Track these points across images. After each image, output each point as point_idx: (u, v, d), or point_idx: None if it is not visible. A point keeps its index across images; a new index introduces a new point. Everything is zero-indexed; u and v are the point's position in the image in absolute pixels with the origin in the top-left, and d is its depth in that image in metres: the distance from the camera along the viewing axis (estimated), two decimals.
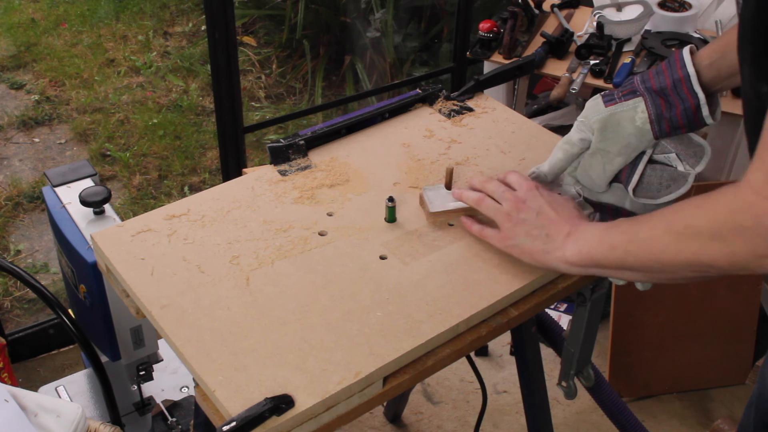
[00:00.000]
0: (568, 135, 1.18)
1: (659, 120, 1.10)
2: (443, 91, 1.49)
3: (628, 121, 1.12)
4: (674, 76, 1.10)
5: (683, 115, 1.09)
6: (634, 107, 1.11)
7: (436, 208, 1.20)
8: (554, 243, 1.08)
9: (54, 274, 2.74)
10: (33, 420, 1.18)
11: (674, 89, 1.10)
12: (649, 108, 1.11)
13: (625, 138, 1.12)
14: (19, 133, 3.53)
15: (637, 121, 1.11)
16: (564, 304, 2.49)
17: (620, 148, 1.13)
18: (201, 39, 4.13)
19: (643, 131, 1.11)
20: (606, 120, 1.13)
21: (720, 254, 0.87)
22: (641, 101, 1.11)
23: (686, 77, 1.09)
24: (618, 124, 1.12)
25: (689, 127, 1.10)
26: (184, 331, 1.01)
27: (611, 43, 2.32)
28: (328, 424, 0.97)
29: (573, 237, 1.06)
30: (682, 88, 1.09)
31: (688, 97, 1.09)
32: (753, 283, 2.25)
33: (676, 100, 1.09)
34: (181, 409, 1.82)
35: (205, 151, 3.45)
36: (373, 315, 1.04)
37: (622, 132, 1.12)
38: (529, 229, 1.10)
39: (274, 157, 1.32)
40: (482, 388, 1.66)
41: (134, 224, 1.19)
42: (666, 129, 1.10)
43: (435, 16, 3.66)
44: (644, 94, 1.11)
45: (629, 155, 1.13)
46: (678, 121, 1.10)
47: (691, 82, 1.09)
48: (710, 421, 2.22)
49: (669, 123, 1.10)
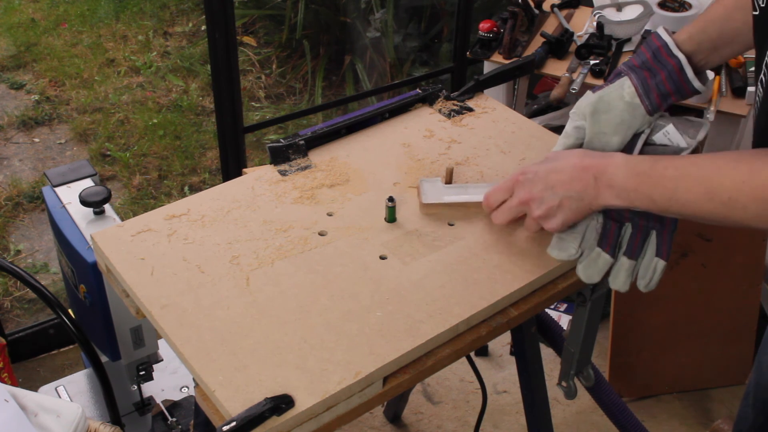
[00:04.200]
0: (564, 130, 1.19)
1: (647, 91, 1.11)
2: (443, 91, 1.49)
3: (618, 99, 1.13)
4: (652, 48, 1.12)
5: (669, 80, 1.10)
6: (620, 85, 1.13)
7: (429, 200, 1.21)
8: (588, 193, 1.06)
9: (54, 274, 2.74)
10: (33, 420, 1.18)
11: (654, 59, 1.12)
12: (633, 81, 1.12)
13: (618, 115, 1.13)
14: (19, 133, 3.53)
15: (626, 96, 1.12)
16: (564, 304, 2.49)
17: (615, 126, 1.13)
18: (201, 39, 4.13)
19: (633, 105, 1.12)
20: (596, 104, 1.14)
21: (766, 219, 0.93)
22: (626, 79, 1.13)
23: (664, 45, 1.12)
24: (608, 104, 1.13)
25: (678, 93, 1.11)
26: (184, 331, 1.01)
27: (611, 43, 2.32)
28: (328, 424, 0.97)
29: (603, 181, 1.05)
30: (661, 55, 1.11)
31: (669, 61, 1.10)
32: (753, 283, 2.25)
33: (658, 67, 1.11)
34: (181, 409, 1.82)
35: (205, 151, 3.45)
36: (373, 315, 1.04)
37: (614, 111, 1.13)
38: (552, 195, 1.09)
39: (274, 157, 1.32)
40: (482, 388, 1.66)
41: (134, 224, 1.19)
42: (656, 99, 1.11)
43: (435, 16, 3.66)
44: (628, 72, 1.13)
45: (625, 133, 1.13)
46: (665, 87, 1.11)
47: (669, 47, 1.11)
48: (710, 421, 2.22)
49: (657, 91, 1.11)
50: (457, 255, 1.15)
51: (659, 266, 1.10)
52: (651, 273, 1.10)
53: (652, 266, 1.10)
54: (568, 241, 1.11)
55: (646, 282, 1.11)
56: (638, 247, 1.09)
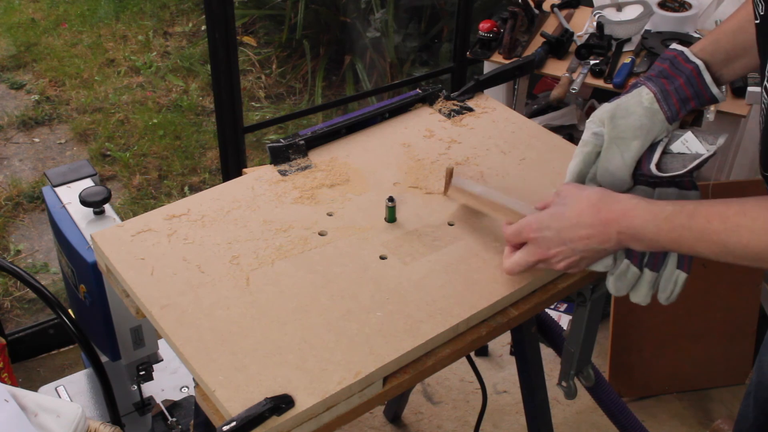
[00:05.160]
0: (581, 139, 1.16)
1: (665, 96, 1.10)
2: (443, 91, 1.49)
3: (636, 105, 1.11)
4: (669, 57, 1.12)
5: (687, 84, 1.10)
6: (638, 93, 1.12)
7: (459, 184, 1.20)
8: (611, 244, 1.03)
9: (54, 274, 2.73)
10: (33, 420, 1.18)
11: (672, 66, 1.11)
12: (651, 88, 1.11)
13: (637, 119, 1.11)
14: (19, 133, 3.52)
15: (645, 102, 1.11)
16: (564, 304, 2.49)
17: (634, 131, 1.11)
18: (201, 39, 4.13)
19: (652, 110, 1.11)
20: (614, 110, 1.12)
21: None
22: (643, 87, 1.12)
23: (680, 53, 1.11)
24: (626, 110, 1.12)
25: (697, 98, 1.10)
26: (184, 331, 1.01)
27: (611, 43, 2.32)
28: (328, 424, 0.97)
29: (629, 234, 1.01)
30: (679, 62, 1.11)
31: (687, 66, 1.10)
32: (753, 283, 2.25)
33: (676, 74, 1.11)
34: (181, 409, 1.82)
35: (205, 151, 3.45)
36: (373, 315, 1.04)
37: (632, 116, 1.11)
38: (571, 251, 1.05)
39: (274, 157, 1.32)
40: (482, 388, 1.66)
41: (134, 224, 1.19)
42: (674, 104, 1.10)
43: (435, 16, 3.65)
44: (644, 82, 1.13)
45: (645, 138, 1.11)
46: (684, 92, 1.10)
47: (686, 54, 1.10)
48: (710, 421, 2.22)
49: (676, 96, 1.10)
50: (457, 255, 1.15)
51: (680, 279, 1.08)
52: (672, 286, 1.09)
53: (673, 279, 1.08)
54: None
55: (667, 295, 1.10)
56: (660, 260, 1.07)
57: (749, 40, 1.07)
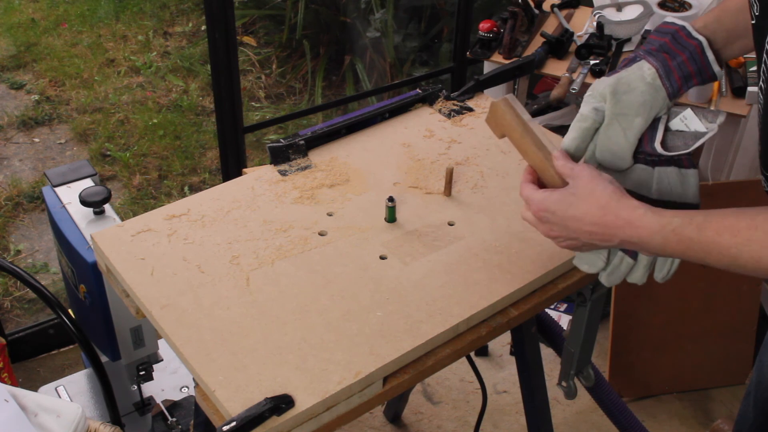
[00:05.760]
0: (579, 112, 1.11)
1: (667, 72, 1.07)
2: (443, 91, 1.49)
3: (638, 80, 1.07)
4: (670, 31, 1.08)
5: (690, 61, 1.06)
6: (639, 68, 1.08)
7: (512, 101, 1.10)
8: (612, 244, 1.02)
9: (54, 274, 2.73)
10: (33, 420, 1.18)
11: (674, 41, 1.07)
12: (653, 63, 1.07)
13: (640, 96, 1.07)
14: (19, 133, 3.52)
15: (647, 77, 1.07)
16: (564, 304, 2.49)
17: (637, 107, 1.07)
18: (201, 39, 4.13)
19: (655, 86, 1.07)
20: (615, 84, 1.08)
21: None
22: (644, 62, 1.08)
23: (682, 27, 1.08)
24: (628, 85, 1.08)
25: (699, 75, 1.07)
26: (184, 331, 1.01)
27: (611, 43, 2.32)
28: (328, 424, 0.97)
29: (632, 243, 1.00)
30: (681, 37, 1.07)
31: (690, 42, 1.06)
32: (753, 283, 2.25)
33: (678, 50, 1.07)
34: (181, 409, 1.82)
35: (205, 151, 3.45)
36: (373, 315, 1.04)
37: (635, 91, 1.07)
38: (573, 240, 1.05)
39: (274, 157, 1.32)
40: (482, 388, 1.66)
41: (134, 224, 1.19)
42: (677, 81, 1.07)
43: (435, 16, 3.65)
44: (644, 56, 1.09)
45: (648, 114, 1.08)
46: (687, 68, 1.07)
47: (688, 29, 1.07)
48: (710, 421, 2.22)
49: (678, 72, 1.07)
50: (457, 255, 1.15)
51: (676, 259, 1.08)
52: (669, 265, 1.09)
53: (669, 259, 1.08)
54: (597, 253, 1.08)
55: (663, 274, 1.09)
56: None
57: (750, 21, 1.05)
